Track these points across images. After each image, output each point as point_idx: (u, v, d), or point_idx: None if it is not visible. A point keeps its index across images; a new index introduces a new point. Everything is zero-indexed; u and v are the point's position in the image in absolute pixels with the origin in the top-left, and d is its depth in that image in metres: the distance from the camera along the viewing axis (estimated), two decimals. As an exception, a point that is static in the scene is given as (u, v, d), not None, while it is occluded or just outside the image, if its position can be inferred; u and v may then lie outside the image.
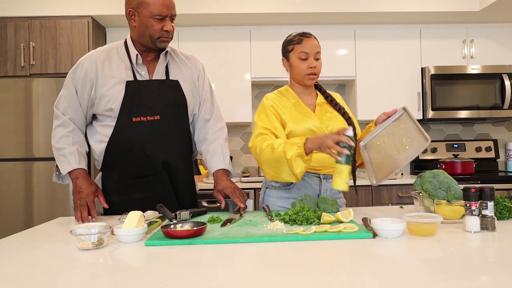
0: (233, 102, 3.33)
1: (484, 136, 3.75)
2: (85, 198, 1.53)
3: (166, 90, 1.64)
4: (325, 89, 1.85)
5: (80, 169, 1.59)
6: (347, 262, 0.97)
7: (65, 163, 1.59)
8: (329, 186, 1.74)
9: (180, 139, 1.68)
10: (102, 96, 1.59)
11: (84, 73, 1.61)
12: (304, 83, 1.76)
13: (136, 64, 1.63)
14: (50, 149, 2.90)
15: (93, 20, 3.13)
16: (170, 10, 1.56)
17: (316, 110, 1.77)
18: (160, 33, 1.56)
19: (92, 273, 0.92)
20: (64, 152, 1.60)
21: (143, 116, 1.60)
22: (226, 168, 1.71)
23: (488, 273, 0.86)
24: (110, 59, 1.63)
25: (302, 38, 1.72)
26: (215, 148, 1.74)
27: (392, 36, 3.40)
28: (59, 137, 1.63)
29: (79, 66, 1.63)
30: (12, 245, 1.19)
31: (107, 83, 1.59)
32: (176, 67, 1.71)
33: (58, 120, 1.65)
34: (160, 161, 1.61)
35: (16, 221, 2.90)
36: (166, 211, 1.41)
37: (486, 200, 1.21)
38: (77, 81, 1.62)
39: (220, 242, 1.14)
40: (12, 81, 2.95)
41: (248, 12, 3.10)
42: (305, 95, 1.80)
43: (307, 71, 1.71)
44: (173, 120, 1.65)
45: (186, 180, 1.71)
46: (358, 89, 3.37)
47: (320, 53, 1.74)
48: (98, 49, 1.68)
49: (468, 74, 3.29)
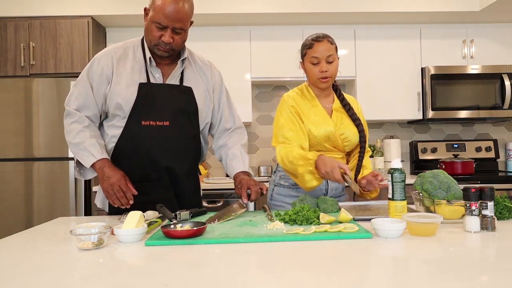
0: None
1: (484, 136, 3.75)
2: (117, 184, 1.47)
3: (178, 96, 1.61)
4: (342, 92, 1.83)
5: (104, 159, 1.54)
6: (347, 262, 0.97)
7: (87, 156, 1.53)
8: (335, 185, 1.77)
9: (188, 146, 1.66)
10: (114, 94, 1.56)
11: (100, 70, 1.58)
12: (318, 86, 1.76)
13: (150, 66, 1.60)
14: (50, 149, 2.95)
15: (93, 20, 3.13)
16: (173, 22, 1.49)
17: (333, 116, 1.76)
18: (158, 41, 1.53)
19: (92, 273, 0.92)
20: (85, 145, 1.54)
21: (153, 120, 1.57)
22: (246, 170, 1.69)
23: (488, 273, 0.86)
24: (126, 58, 1.60)
25: (313, 43, 1.71)
26: (235, 152, 1.72)
27: (392, 36, 3.40)
28: (75, 133, 1.57)
29: (94, 62, 1.59)
30: (12, 245, 1.18)
31: (120, 82, 1.56)
32: (191, 73, 1.68)
33: (72, 117, 1.59)
34: (163, 166, 1.58)
35: (16, 221, 2.90)
36: (166, 211, 1.41)
37: (486, 200, 1.21)
38: (93, 78, 1.59)
39: (220, 242, 1.14)
40: (12, 81, 2.95)
41: (248, 12, 3.10)
42: (322, 98, 1.80)
43: (319, 75, 1.71)
44: (183, 126, 1.62)
45: (189, 187, 1.69)
46: (358, 89, 3.37)
47: (335, 54, 1.73)
48: (115, 46, 1.64)
49: (468, 74, 3.29)
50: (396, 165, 1.35)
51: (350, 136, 1.74)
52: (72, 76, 3.05)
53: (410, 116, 3.38)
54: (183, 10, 1.50)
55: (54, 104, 2.95)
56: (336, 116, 1.76)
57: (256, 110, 3.68)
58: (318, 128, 1.70)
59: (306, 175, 1.59)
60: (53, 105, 2.94)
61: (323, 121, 1.72)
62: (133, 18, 3.17)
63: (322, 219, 1.32)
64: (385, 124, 3.74)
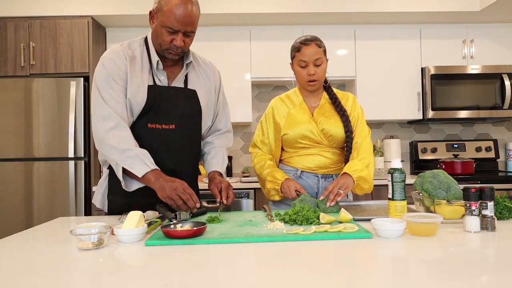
0: (233, 102, 3.31)
1: (484, 136, 3.75)
2: (180, 187, 1.41)
3: (183, 99, 1.61)
4: (332, 90, 1.84)
5: (157, 169, 1.47)
6: (347, 262, 0.97)
7: (139, 164, 1.44)
8: (327, 184, 1.78)
9: (191, 149, 1.67)
10: (128, 96, 1.53)
11: (118, 69, 1.52)
12: (306, 89, 1.80)
13: (157, 69, 1.59)
14: (50, 149, 2.95)
15: (93, 20, 3.13)
16: (185, 26, 1.49)
17: (315, 113, 1.79)
18: (169, 45, 1.52)
19: (92, 273, 0.92)
20: (136, 153, 1.45)
21: (159, 123, 1.57)
22: (222, 172, 1.73)
23: (488, 273, 0.86)
24: (134, 59, 1.57)
25: (301, 46, 1.74)
26: (217, 153, 1.74)
27: (392, 36, 3.40)
28: (120, 138, 1.47)
29: (110, 62, 1.53)
30: (12, 245, 1.18)
31: (132, 84, 1.53)
32: (195, 75, 1.68)
33: (110, 121, 1.48)
34: (168, 169, 1.56)
35: (16, 221, 2.90)
36: (166, 211, 1.41)
37: (486, 200, 1.21)
38: (112, 74, 1.52)
39: (220, 242, 1.14)
40: (12, 81, 2.95)
41: (248, 12, 3.10)
42: (310, 97, 1.84)
43: (307, 78, 1.75)
44: (187, 130, 1.63)
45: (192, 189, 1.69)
46: (358, 89, 3.37)
47: (323, 57, 1.75)
48: (122, 46, 1.59)
49: (468, 74, 3.29)
50: (396, 165, 1.35)
51: (332, 130, 1.75)
52: (72, 76, 3.05)
53: (410, 116, 3.38)
54: (192, 14, 1.49)
55: (54, 104, 2.94)
56: (319, 113, 1.79)
57: (256, 110, 3.68)
58: (293, 129, 1.76)
59: (271, 191, 1.78)
60: (53, 105, 2.94)
61: (299, 123, 1.76)
62: (133, 18, 3.17)
63: (322, 219, 1.32)
64: (385, 124, 3.74)
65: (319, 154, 1.77)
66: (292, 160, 1.81)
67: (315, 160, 1.77)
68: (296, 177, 1.78)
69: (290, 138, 1.77)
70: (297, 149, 1.79)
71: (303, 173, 1.78)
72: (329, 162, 1.78)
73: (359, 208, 1.63)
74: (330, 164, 1.78)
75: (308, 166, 1.78)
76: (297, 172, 1.79)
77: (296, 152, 1.80)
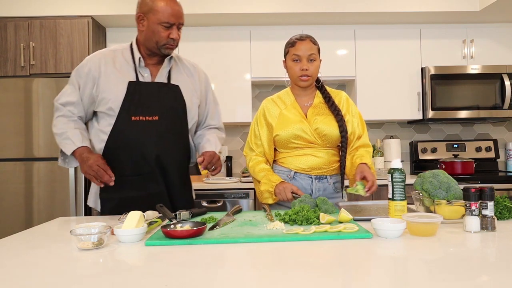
0: (233, 102, 3.34)
1: (484, 136, 3.75)
2: (95, 163, 1.54)
3: (166, 93, 1.68)
4: (326, 89, 1.84)
5: (84, 146, 1.61)
6: (347, 262, 0.97)
7: (69, 144, 1.61)
8: (321, 186, 1.78)
9: (177, 141, 1.71)
10: (104, 94, 1.62)
11: (87, 70, 1.66)
12: (298, 85, 1.80)
13: (139, 67, 1.67)
14: (50, 149, 2.95)
15: (93, 20, 3.13)
16: (178, 19, 1.62)
17: (309, 113, 1.79)
18: (166, 40, 1.62)
19: (92, 273, 0.92)
20: (67, 135, 1.62)
21: (142, 115, 1.63)
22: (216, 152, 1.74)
23: (488, 273, 0.86)
24: (115, 60, 1.68)
25: (296, 41, 1.76)
26: (210, 139, 1.78)
27: (392, 36, 3.40)
28: (60, 125, 1.66)
29: (83, 63, 1.68)
30: (12, 245, 1.19)
31: (109, 82, 1.63)
32: (178, 73, 1.75)
33: (59, 111, 1.69)
34: (153, 156, 1.63)
35: (16, 221, 2.90)
36: (166, 211, 1.41)
37: (486, 200, 1.21)
38: (80, 77, 1.67)
39: (220, 242, 1.14)
40: (12, 81, 2.95)
41: (248, 12, 3.10)
42: (302, 96, 1.83)
43: (299, 73, 1.75)
44: (171, 122, 1.68)
45: (180, 181, 1.73)
46: (358, 89, 3.37)
47: (317, 54, 1.76)
48: (104, 50, 1.73)
49: (468, 74, 3.29)
50: (396, 165, 1.35)
51: (326, 130, 1.74)
52: (72, 76, 3.06)
53: (410, 116, 3.38)
54: (181, 8, 1.66)
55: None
56: (312, 112, 1.78)
57: (256, 110, 3.66)
58: (285, 130, 1.76)
59: (265, 193, 1.77)
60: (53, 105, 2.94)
61: (292, 122, 1.76)
62: (133, 18, 3.14)
63: (322, 219, 1.32)
64: (385, 124, 3.74)
65: (312, 155, 1.76)
66: (285, 161, 1.81)
67: (308, 160, 1.76)
68: (289, 178, 1.78)
69: (282, 138, 1.77)
70: (290, 150, 1.79)
71: (297, 174, 1.78)
72: (323, 163, 1.76)
73: (359, 208, 1.63)
74: (323, 165, 1.77)
75: (301, 167, 1.77)
76: (291, 173, 1.78)
77: (289, 153, 1.79)
